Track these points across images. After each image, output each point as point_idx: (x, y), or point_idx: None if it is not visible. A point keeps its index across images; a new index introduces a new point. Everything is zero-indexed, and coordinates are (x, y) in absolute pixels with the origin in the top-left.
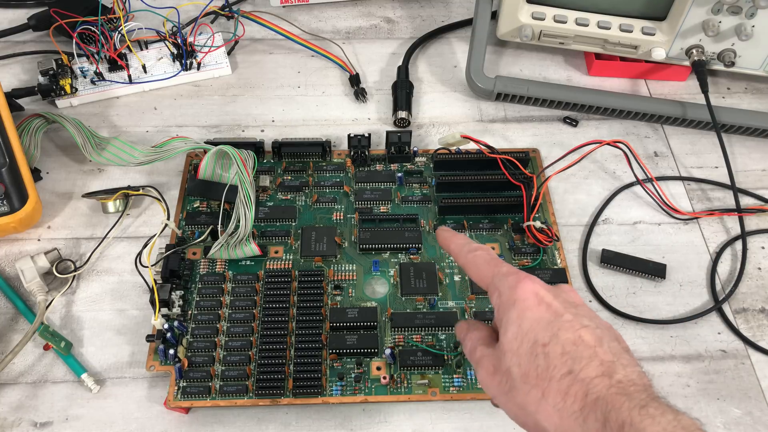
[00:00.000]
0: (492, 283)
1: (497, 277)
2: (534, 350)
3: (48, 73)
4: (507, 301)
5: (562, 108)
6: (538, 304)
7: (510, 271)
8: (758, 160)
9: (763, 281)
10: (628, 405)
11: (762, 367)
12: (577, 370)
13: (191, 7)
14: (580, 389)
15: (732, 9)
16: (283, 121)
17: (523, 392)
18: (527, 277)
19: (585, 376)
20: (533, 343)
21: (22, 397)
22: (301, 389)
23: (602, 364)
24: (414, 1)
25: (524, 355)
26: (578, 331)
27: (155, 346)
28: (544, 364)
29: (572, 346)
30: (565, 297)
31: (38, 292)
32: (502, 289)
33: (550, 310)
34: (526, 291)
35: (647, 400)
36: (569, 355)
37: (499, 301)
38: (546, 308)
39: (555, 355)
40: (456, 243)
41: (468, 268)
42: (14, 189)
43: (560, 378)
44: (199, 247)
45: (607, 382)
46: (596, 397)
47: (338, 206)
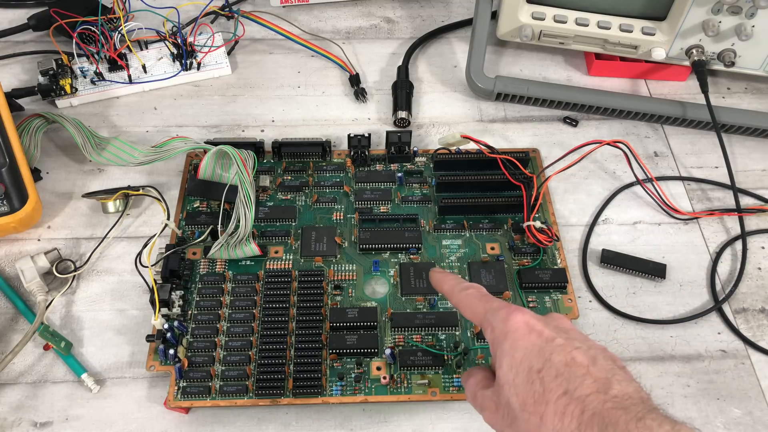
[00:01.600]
0: (485, 318)
1: (489, 313)
2: (530, 378)
3: (48, 73)
4: (500, 335)
5: (562, 108)
6: (529, 332)
7: (501, 306)
8: (758, 160)
9: (763, 281)
10: (624, 418)
11: (762, 367)
12: (572, 389)
13: (191, 7)
14: (576, 407)
15: (732, 9)
16: (283, 121)
17: (524, 421)
18: (517, 309)
19: (580, 394)
20: (528, 371)
21: (22, 397)
22: (301, 389)
23: (596, 381)
24: (414, 1)
25: (521, 384)
26: (570, 353)
27: (155, 346)
28: (540, 389)
29: (565, 367)
30: (556, 324)
31: (38, 292)
32: (494, 324)
33: (542, 337)
34: (517, 322)
35: (644, 412)
36: (563, 377)
37: (492, 336)
38: (537, 336)
39: (549, 379)
40: (448, 283)
41: (461, 307)
42: (14, 189)
43: (556, 400)
44: (199, 247)
45: (602, 397)
46: (592, 413)
47: (338, 206)
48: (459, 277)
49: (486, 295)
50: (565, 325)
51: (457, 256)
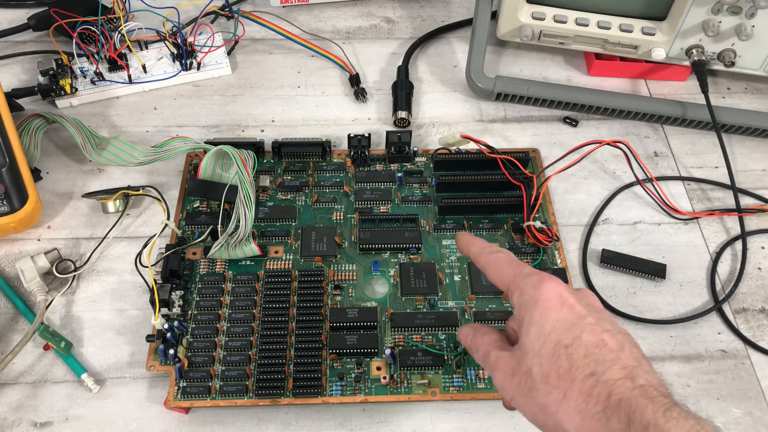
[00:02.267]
0: (514, 282)
1: (519, 277)
2: (556, 351)
3: (48, 73)
4: (529, 301)
5: (562, 108)
6: (561, 305)
7: (532, 272)
8: (758, 160)
9: (763, 281)
10: (652, 407)
11: (762, 367)
12: (600, 372)
13: (191, 7)
14: (603, 390)
15: (732, 9)
16: (283, 121)
17: (543, 393)
18: (550, 278)
19: (608, 378)
20: (556, 344)
21: (22, 397)
22: (301, 389)
23: (625, 367)
24: (414, 1)
25: (546, 356)
26: (601, 334)
27: (155, 346)
28: (566, 365)
29: (595, 348)
30: (588, 301)
31: (38, 292)
32: (524, 288)
33: (573, 312)
34: (549, 291)
35: (670, 404)
36: (592, 357)
37: (520, 300)
38: (569, 310)
39: (578, 357)
40: (477, 245)
41: (489, 269)
42: (14, 189)
43: (583, 379)
44: (199, 247)
45: (630, 384)
46: (620, 398)
47: (338, 206)
48: (486, 241)
49: (516, 260)
50: (596, 304)
51: (457, 256)
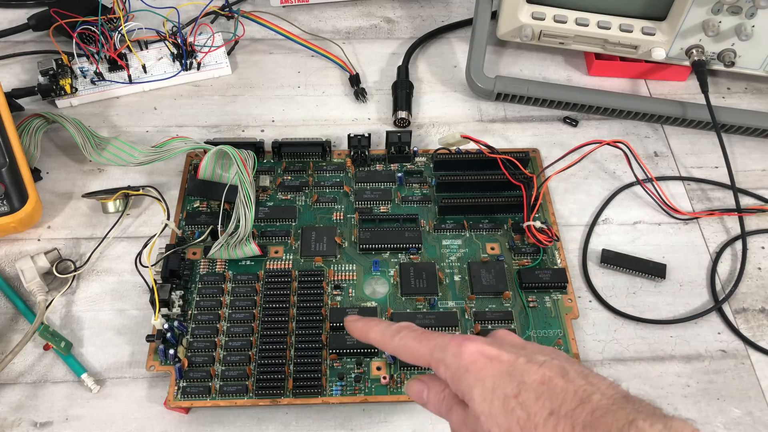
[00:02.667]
0: (432, 358)
1: (436, 351)
2: (507, 405)
3: (48, 73)
4: (458, 370)
5: (562, 108)
6: (489, 361)
7: (446, 340)
8: (758, 160)
9: (763, 281)
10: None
11: (762, 367)
12: (557, 407)
13: (191, 7)
14: (566, 425)
15: (732, 9)
16: (283, 121)
17: None
18: (465, 339)
19: (566, 410)
20: (504, 399)
21: (22, 397)
22: (301, 389)
23: (576, 392)
24: (414, 1)
25: (499, 414)
26: (540, 370)
27: (155, 346)
28: (523, 414)
29: (542, 386)
30: (509, 341)
31: (38, 292)
32: (447, 361)
33: (503, 362)
34: (471, 354)
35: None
36: (544, 397)
37: (449, 373)
38: (498, 362)
39: (530, 402)
40: (374, 330)
41: (400, 354)
42: (14, 189)
43: (544, 422)
44: (199, 247)
45: (589, 407)
46: (582, 426)
47: (338, 206)
48: (382, 320)
49: (423, 332)
50: (516, 341)
51: (457, 256)
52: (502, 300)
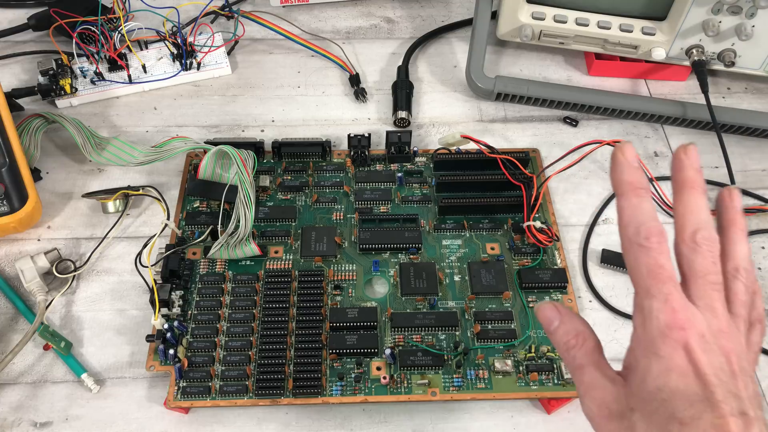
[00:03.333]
0: (640, 303)
1: (649, 301)
2: (670, 424)
3: (48, 73)
4: (649, 346)
5: (562, 108)
6: (686, 371)
7: (669, 303)
8: (758, 160)
9: (763, 281)
10: None
11: (762, 367)
12: None
13: (191, 7)
14: None
15: (732, 9)
16: (283, 121)
17: None
18: (682, 324)
19: None
20: (670, 415)
21: (22, 397)
22: (301, 389)
23: None
24: (414, 1)
25: (657, 423)
26: (725, 418)
27: (155, 346)
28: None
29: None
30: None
31: (38, 292)
32: (648, 324)
33: (699, 384)
34: (676, 347)
35: None
36: None
37: (640, 335)
38: (695, 379)
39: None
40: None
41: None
42: (14, 189)
43: None
44: (199, 247)
45: None
46: None
47: (338, 206)
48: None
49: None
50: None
51: (457, 256)
52: (502, 300)
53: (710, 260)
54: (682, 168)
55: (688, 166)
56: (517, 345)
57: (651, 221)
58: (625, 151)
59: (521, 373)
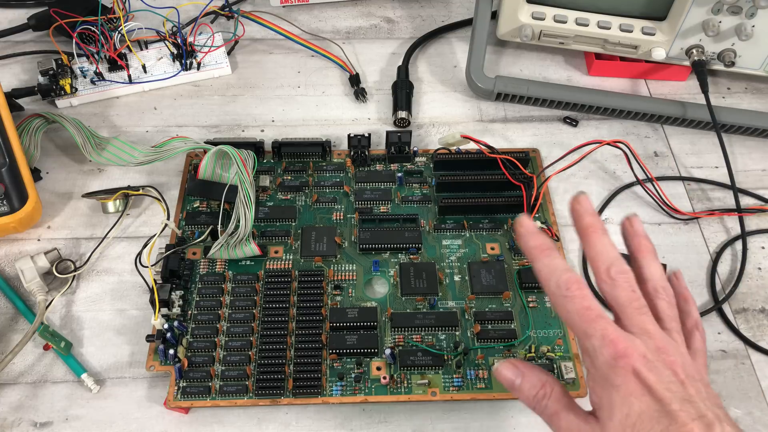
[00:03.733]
0: (584, 346)
1: (590, 341)
2: None
3: (48, 73)
4: (604, 381)
5: (562, 108)
6: (642, 392)
7: (606, 337)
8: (758, 160)
9: (763, 281)
10: None
11: (762, 367)
12: None
13: (191, 7)
14: None
15: (732, 9)
16: (283, 121)
17: None
18: (624, 352)
19: None
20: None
21: (22, 397)
22: (301, 389)
23: None
24: (414, 1)
25: None
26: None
27: (155, 346)
28: None
29: None
30: (670, 370)
31: (38, 292)
32: (596, 362)
33: (655, 399)
34: (626, 375)
35: None
36: None
37: (594, 374)
38: (650, 397)
39: None
40: (544, 265)
41: (554, 303)
42: (14, 189)
43: None
44: (199, 247)
45: None
46: None
47: (338, 206)
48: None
49: (588, 305)
50: (678, 371)
51: (457, 256)
52: (502, 300)
53: (629, 290)
54: (579, 216)
55: (583, 213)
56: (517, 345)
57: (566, 273)
58: (523, 223)
59: None
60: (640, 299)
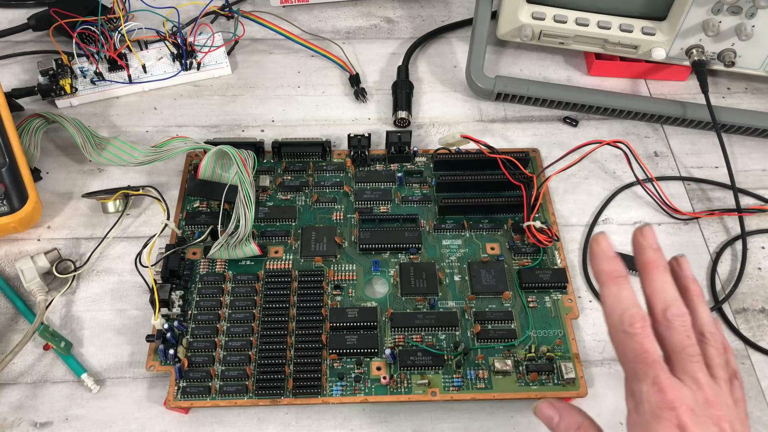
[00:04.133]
0: (630, 387)
1: (639, 384)
2: None
3: (48, 73)
4: (645, 427)
5: (562, 108)
6: None
7: (656, 384)
8: (758, 160)
9: (763, 281)
10: None
11: (762, 367)
12: None
13: (191, 7)
14: None
15: (732, 9)
16: (283, 121)
17: None
18: (672, 403)
19: None
20: None
21: (22, 397)
22: (301, 389)
23: None
24: (414, 1)
25: None
26: None
27: (155, 346)
28: None
29: None
30: (717, 426)
31: (38, 292)
32: (640, 408)
33: None
34: (670, 428)
35: None
36: None
37: (635, 418)
38: None
39: None
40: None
41: (613, 339)
42: (14, 189)
43: None
44: (199, 247)
45: None
46: None
47: (338, 206)
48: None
49: (646, 350)
50: (725, 425)
51: (457, 256)
52: (502, 300)
53: (684, 334)
54: (642, 250)
55: (647, 247)
56: (517, 345)
57: (633, 308)
58: (600, 243)
59: (521, 373)
60: (694, 346)
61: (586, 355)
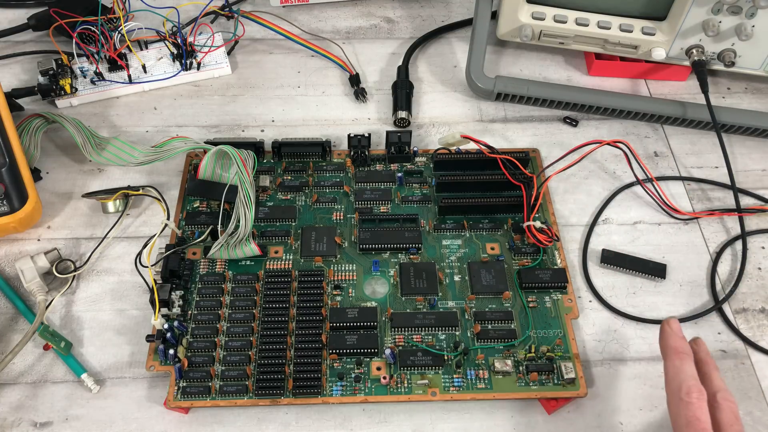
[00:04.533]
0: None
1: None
2: None
3: (48, 73)
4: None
5: (562, 108)
6: None
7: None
8: (758, 160)
9: (763, 281)
10: None
11: (762, 367)
12: None
13: (191, 7)
14: None
15: (732, 9)
16: (283, 121)
17: None
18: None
19: None
20: None
21: (22, 397)
22: (301, 389)
23: None
24: (414, 1)
25: None
26: None
27: (155, 346)
28: None
29: None
30: None
31: (38, 292)
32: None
33: None
34: None
35: None
36: None
37: None
38: None
39: None
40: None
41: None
42: (14, 189)
43: None
44: (199, 247)
45: None
46: None
47: (338, 206)
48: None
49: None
50: None
51: (457, 256)
52: (502, 300)
53: (733, 415)
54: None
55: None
56: (517, 345)
57: (692, 380)
58: (671, 325)
59: (521, 373)
60: (741, 425)
61: (585, 355)
